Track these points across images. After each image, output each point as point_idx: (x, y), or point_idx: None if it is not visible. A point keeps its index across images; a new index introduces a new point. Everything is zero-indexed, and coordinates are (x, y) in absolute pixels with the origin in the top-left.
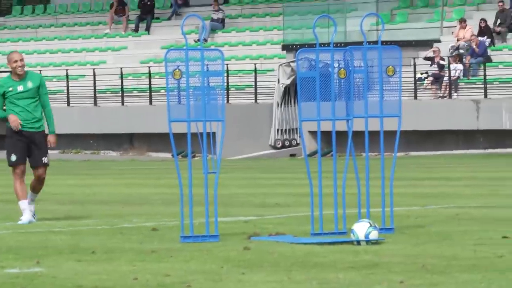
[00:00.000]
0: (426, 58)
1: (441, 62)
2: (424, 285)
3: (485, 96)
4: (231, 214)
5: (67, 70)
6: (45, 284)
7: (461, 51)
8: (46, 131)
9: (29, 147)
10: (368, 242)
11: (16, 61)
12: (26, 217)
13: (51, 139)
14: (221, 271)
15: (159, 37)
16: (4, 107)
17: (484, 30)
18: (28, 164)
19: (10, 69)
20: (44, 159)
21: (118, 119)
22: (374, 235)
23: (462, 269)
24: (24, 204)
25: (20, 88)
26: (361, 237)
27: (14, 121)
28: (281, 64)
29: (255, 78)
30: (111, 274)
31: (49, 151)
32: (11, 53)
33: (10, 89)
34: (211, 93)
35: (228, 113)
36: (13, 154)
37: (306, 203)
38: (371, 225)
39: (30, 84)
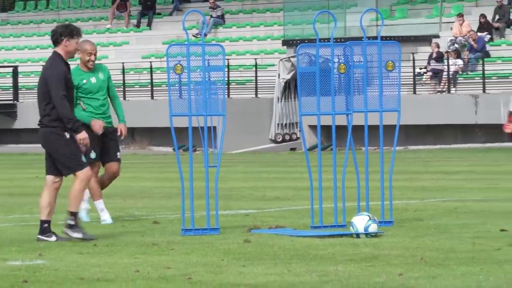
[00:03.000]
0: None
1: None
2: (423, 277)
3: (484, 91)
4: (232, 208)
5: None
6: (47, 276)
7: (456, 45)
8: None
9: (103, 144)
10: (367, 235)
11: (90, 54)
12: (106, 215)
13: (123, 128)
14: (222, 264)
15: (160, 32)
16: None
17: (484, 26)
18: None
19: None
20: (118, 154)
21: None
22: (373, 228)
23: (460, 261)
24: (100, 204)
25: (93, 80)
26: (361, 230)
27: (98, 126)
28: (281, 59)
29: (256, 73)
30: (113, 266)
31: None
32: (84, 42)
33: (84, 81)
34: (212, 88)
35: (228, 107)
36: (92, 152)
37: (306, 196)
38: (370, 218)
39: (101, 76)
